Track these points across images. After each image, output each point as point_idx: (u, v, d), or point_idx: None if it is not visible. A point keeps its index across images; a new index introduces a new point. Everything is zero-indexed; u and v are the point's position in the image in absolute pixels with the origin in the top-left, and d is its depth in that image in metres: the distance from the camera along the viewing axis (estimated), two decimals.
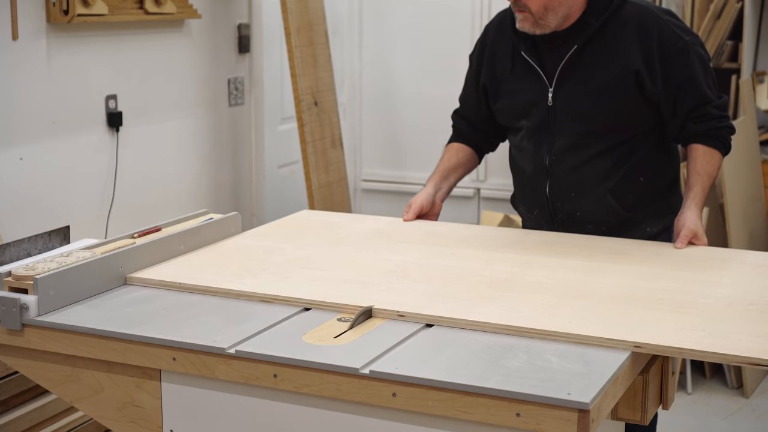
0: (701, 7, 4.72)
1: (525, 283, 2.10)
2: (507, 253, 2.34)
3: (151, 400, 1.88)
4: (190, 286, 2.10)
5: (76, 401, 1.97)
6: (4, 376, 2.39)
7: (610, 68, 2.47)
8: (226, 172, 4.79)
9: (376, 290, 2.04)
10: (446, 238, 2.48)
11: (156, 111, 4.28)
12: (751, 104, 4.61)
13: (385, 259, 2.29)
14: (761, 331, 1.81)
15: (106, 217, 4.03)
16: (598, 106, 2.48)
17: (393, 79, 5.56)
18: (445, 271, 2.19)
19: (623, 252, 2.34)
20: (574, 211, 2.57)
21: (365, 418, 1.71)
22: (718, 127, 2.51)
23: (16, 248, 2.27)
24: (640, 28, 2.46)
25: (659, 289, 2.05)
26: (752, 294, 2.03)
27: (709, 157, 2.50)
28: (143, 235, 2.35)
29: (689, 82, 2.47)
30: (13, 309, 1.94)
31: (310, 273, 2.17)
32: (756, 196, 4.58)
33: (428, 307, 1.92)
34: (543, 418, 1.57)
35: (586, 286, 2.08)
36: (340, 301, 1.96)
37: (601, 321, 1.86)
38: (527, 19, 2.45)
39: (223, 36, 4.67)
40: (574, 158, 2.53)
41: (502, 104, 2.64)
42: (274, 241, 2.45)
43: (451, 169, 2.75)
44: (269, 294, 2.02)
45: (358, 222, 2.68)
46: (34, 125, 3.67)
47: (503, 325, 1.83)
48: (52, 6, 3.64)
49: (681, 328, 1.82)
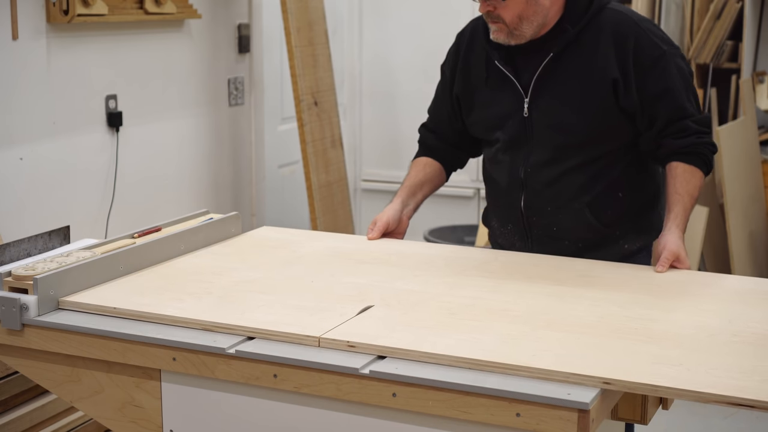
0: (701, 7, 4.72)
1: (489, 309, 1.94)
2: (473, 276, 2.18)
3: (151, 400, 1.88)
4: (125, 312, 1.94)
5: (76, 401, 1.97)
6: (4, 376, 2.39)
7: (588, 77, 2.34)
8: (226, 172, 4.79)
9: (328, 317, 1.87)
10: (410, 259, 2.31)
11: (156, 111, 4.27)
12: (751, 104, 4.61)
13: (341, 282, 2.12)
14: (744, 366, 1.65)
15: (106, 217, 4.03)
16: (576, 117, 2.35)
17: (393, 79, 5.57)
18: (406, 295, 2.02)
19: (598, 275, 2.18)
20: (549, 226, 2.43)
21: (365, 418, 1.71)
22: (697, 143, 2.34)
23: (16, 248, 2.26)
24: (616, 35, 2.33)
25: (635, 318, 1.89)
26: (736, 323, 1.87)
27: (690, 175, 2.33)
28: (143, 235, 2.35)
29: (666, 93, 2.32)
30: (13, 309, 1.94)
31: (257, 297, 2.01)
32: (756, 196, 4.58)
33: (382, 337, 1.77)
34: (543, 418, 1.57)
35: (555, 313, 1.92)
36: (286, 329, 1.81)
37: (569, 353, 1.70)
38: (501, 30, 2.33)
39: (223, 36, 4.67)
40: (551, 171, 2.40)
41: (476, 116, 2.51)
42: (226, 261, 2.30)
43: (419, 186, 2.60)
44: (209, 321, 1.86)
45: (318, 240, 2.50)
46: (34, 125, 3.67)
47: (460, 358, 1.68)
48: (52, 6, 3.64)
49: (656, 362, 1.66)
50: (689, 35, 4.72)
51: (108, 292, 2.05)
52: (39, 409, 2.45)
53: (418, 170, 2.62)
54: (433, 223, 5.18)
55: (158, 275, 2.18)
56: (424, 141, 2.66)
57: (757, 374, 1.61)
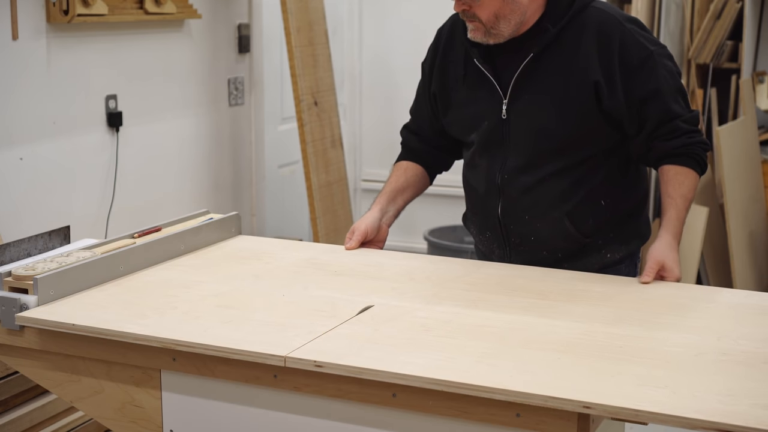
0: (701, 7, 4.72)
1: (466, 326, 1.85)
2: (452, 288, 2.09)
3: (151, 400, 1.88)
4: (85, 329, 1.87)
5: (76, 401, 1.97)
6: (4, 376, 2.39)
7: (569, 79, 2.24)
8: (226, 172, 4.79)
9: (296, 335, 1.80)
10: (387, 270, 2.22)
11: (156, 111, 4.28)
12: (751, 104, 4.61)
13: (313, 296, 2.03)
14: (733, 388, 1.57)
15: (106, 217, 4.03)
16: (556, 121, 2.25)
17: (393, 79, 5.56)
18: (380, 310, 1.94)
19: (583, 288, 2.09)
20: (527, 235, 2.33)
21: (365, 418, 1.71)
22: (689, 143, 2.25)
23: (16, 248, 2.26)
24: (600, 35, 2.23)
25: (619, 335, 1.81)
26: (725, 341, 1.78)
27: (683, 177, 2.25)
28: (143, 235, 2.35)
29: (654, 95, 2.23)
30: (13, 309, 1.94)
31: (224, 313, 1.92)
32: (756, 196, 4.58)
33: (351, 356, 1.69)
34: (543, 418, 1.57)
35: (535, 330, 1.83)
36: (250, 348, 1.74)
37: (548, 374, 1.62)
38: (478, 28, 2.25)
39: (223, 36, 4.67)
40: (528, 178, 2.29)
41: (452, 116, 2.41)
42: (196, 273, 2.20)
43: (399, 191, 2.49)
44: (169, 339, 1.80)
45: (294, 250, 2.40)
46: (34, 125, 3.67)
47: (431, 379, 1.61)
48: (52, 6, 3.64)
49: (640, 383, 1.59)
50: (689, 35, 4.72)
51: (70, 307, 1.97)
52: (39, 409, 2.45)
53: (399, 175, 2.52)
54: (433, 223, 5.19)
55: (125, 288, 2.10)
56: (406, 143, 2.57)
57: (746, 397, 1.54)
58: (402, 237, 5.53)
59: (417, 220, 5.49)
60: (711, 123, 4.73)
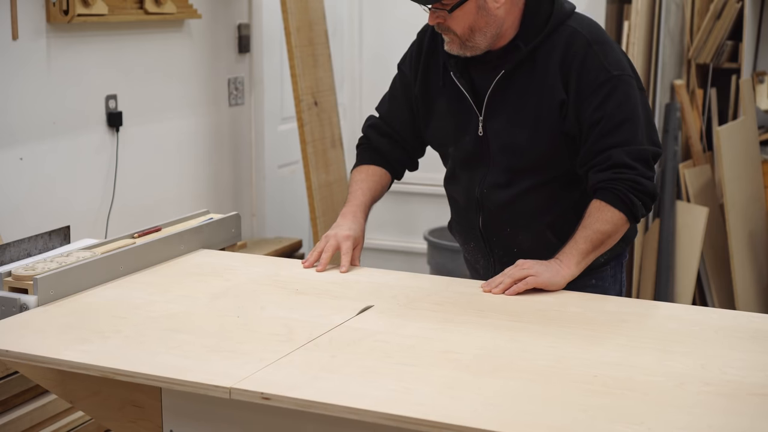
0: (701, 7, 4.72)
1: (430, 351, 1.74)
2: (419, 308, 1.99)
3: (151, 400, 1.88)
4: (18, 355, 1.75)
5: (76, 401, 1.97)
6: (4, 376, 2.39)
7: (540, 98, 2.19)
8: (226, 172, 4.79)
9: (246, 362, 1.70)
10: (352, 289, 2.11)
11: (156, 111, 4.28)
12: (751, 104, 4.61)
13: (270, 318, 1.93)
14: (714, 424, 1.45)
15: (106, 217, 4.03)
16: (529, 140, 2.22)
17: None
18: (339, 334, 1.84)
19: (559, 309, 1.98)
20: (510, 246, 2.31)
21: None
22: (613, 179, 2.13)
23: (16, 248, 2.27)
24: (566, 55, 2.18)
25: (595, 362, 1.69)
26: (709, 369, 1.68)
27: (599, 212, 2.14)
28: (143, 235, 2.35)
29: (599, 122, 2.15)
30: (13, 309, 1.94)
31: (171, 337, 1.82)
32: (756, 196, 4.58)
33: (301, 388, 1.60)
34: None
35: (505, 356, 1.73)
36: (195, 378, 1.63)
37: (514, 408, 1.51)
38: (454, 41, 2.21)
39: (223, 36, 4.67)
40: (505, 193, 2.27)
41: (434, 125, 2.37)
42: (147, 292, 2.09)
43: (374, 199, 2.44)
44: (109, 367, 1.69)
45: (256, 266, 2.30)
46: (34, 125, 3.67)
47: (386, 414, 1.50)
48: (52, 6, 3.64)
49: (614, 420, 1.47)
50: (689, 35, 4.72)
51: (5, 332, 1.86)
52: (39, 409, 2.45)
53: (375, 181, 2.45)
54: (433, 223, 5.18)
55: (69, 310, 1.98)
56: (375, 145, 2.48)
57: None
58: (402, 237, 5.53)
59: (417, 221, 5.48)
60: (711, 123, 4.73)
